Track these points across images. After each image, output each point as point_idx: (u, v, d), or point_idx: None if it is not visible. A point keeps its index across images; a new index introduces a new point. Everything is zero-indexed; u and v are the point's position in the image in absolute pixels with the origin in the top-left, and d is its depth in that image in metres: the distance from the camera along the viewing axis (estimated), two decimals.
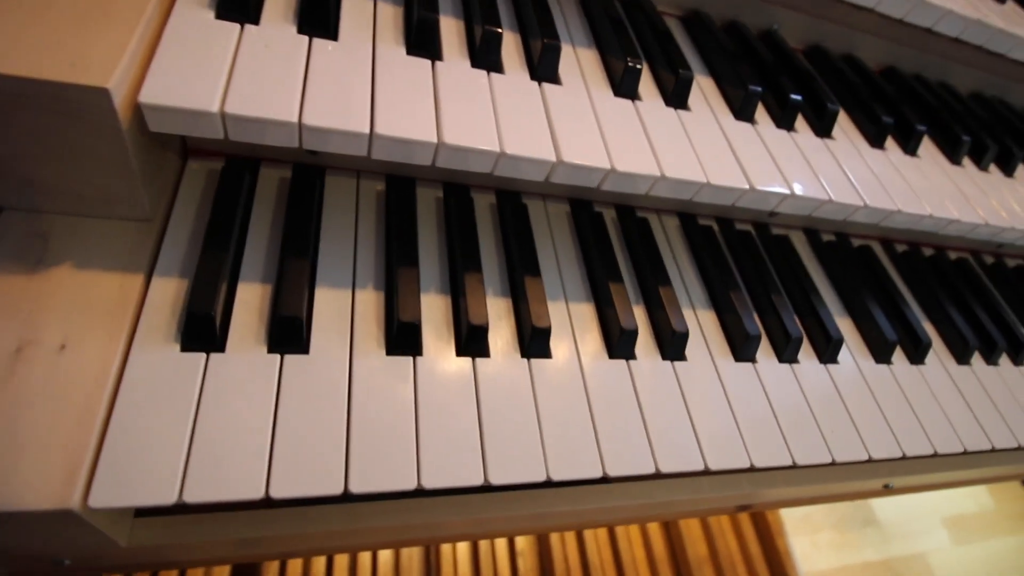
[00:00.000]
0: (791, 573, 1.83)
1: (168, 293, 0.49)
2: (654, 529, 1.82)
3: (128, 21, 0.44)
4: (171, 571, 1.27)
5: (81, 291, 0.47)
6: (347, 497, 0.45)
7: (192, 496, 0.41)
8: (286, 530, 0.52)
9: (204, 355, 0.47)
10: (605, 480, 0.56)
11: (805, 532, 2.36)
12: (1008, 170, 0.90)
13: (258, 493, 0.42)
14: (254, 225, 0.56)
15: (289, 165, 0.62)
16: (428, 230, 0.63)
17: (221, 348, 0.48)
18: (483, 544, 1.61)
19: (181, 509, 0.51)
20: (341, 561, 1.48)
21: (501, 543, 1.64)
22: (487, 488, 0.54)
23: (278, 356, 0.49)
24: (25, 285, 0.46)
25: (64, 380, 0.42)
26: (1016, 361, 0.86)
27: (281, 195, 0.60)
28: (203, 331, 0.47)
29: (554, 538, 1.69)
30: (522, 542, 1.67)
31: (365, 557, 1.50)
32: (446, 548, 1.57)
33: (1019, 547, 2.68)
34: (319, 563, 1.45)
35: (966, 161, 0.87)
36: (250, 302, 0.51)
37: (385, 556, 1.49)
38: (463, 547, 1.59)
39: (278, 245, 0.56)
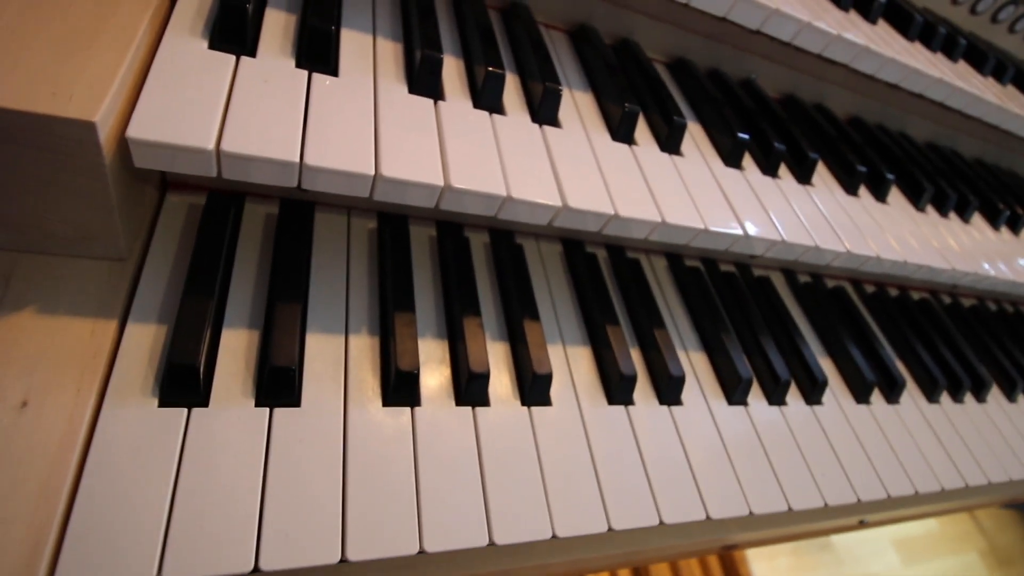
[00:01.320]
0: None
1: (145, 340, 0.45)
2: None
3: (116, 49, 0.41)
4: None
5: (46, 339, 0.42)
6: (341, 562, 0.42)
7: (172, 574, 0.36)
8: None
9: (185, 410, 0.43)
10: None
11: (764, 558, 2.39)
12: (965, 216, 0.96)
13: (247, 567, 0.38)
14: (239, 264, 0.53)
15: (276, 200, 0.59)
16: (422, 270, 0.61)
17: (204, 402, 0.44)
18: None
19: None
20: None
21: None
22: None
23: (267, 409, 0.45)
24: None
25: (25, 443, 0.38)
26: (979, 398, 0.90)
27: (268, 232, 0.57)
28: (185, 383, 0.43)
29: None
30: None
31: None
32: None
33: (963, 565, 2.80)
34: None
35: (929, 208, 0.92)
36: (236, 349, 0.48)
37: None
38: None
39: (265, 286, 0.52)
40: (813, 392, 0.73)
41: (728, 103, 0.83)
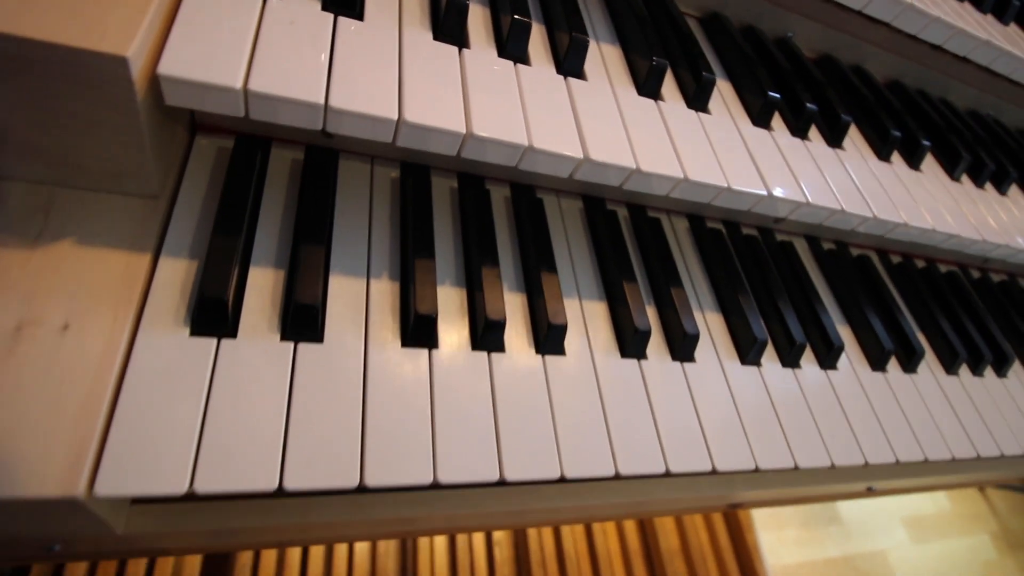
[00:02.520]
0: (758, 567, 1.88)
1: (176, 274, 0.47)
2: (628, 523, 1.85)
3: None
4: (141, 560, 1.24)
5: (84, 269, 0.44)
6: (358, 490, 0.44)
7: (203, 486, 0.39)
8: (285, 520, 0.51)
9: (215, 340, 0.45)
10: (616, 477, 0.56)
11: (772, 528, 2.42)
12: (1002, 188, 0.92)
13: (271, 485, 0.41)
14: (265, 207, 0.54)
15: (302, 147, 0.60)
16: (443, 220, 0.62)
17: (233, 334, 0.46)
18: (460, 534, 1.61)
19: (185, 498, 0.50)
20: (316, 552, 1.46)
21: (478, 533, 1.65)
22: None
23: (292, 344, 0.47)
24: (25, 260, 0.43)
25: (68, 362, 0.40)
26: (1000, 373, 0.89)
27: (293, 176, 0.58)
28: (215, 315, 0.45)
29: (531, 529, 1.70)
30: (499, 532, 1.68)
31: (341, 547, 1.49)
32: (423, 537, 1.57)
33: (973, 546, 2.81)
34: (294, 555, 1.43)
35: (964, 178, 0.89)
36: (262, 288, 0.49)
37: (361, 545, 1.48)
38: (440, 536, 1.59)
39: (291, 229, 0.54)
40: (828, 357, 0.73)
41: (761, 61, 0.80)
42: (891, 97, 0.90)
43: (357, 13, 0.51)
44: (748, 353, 0.67)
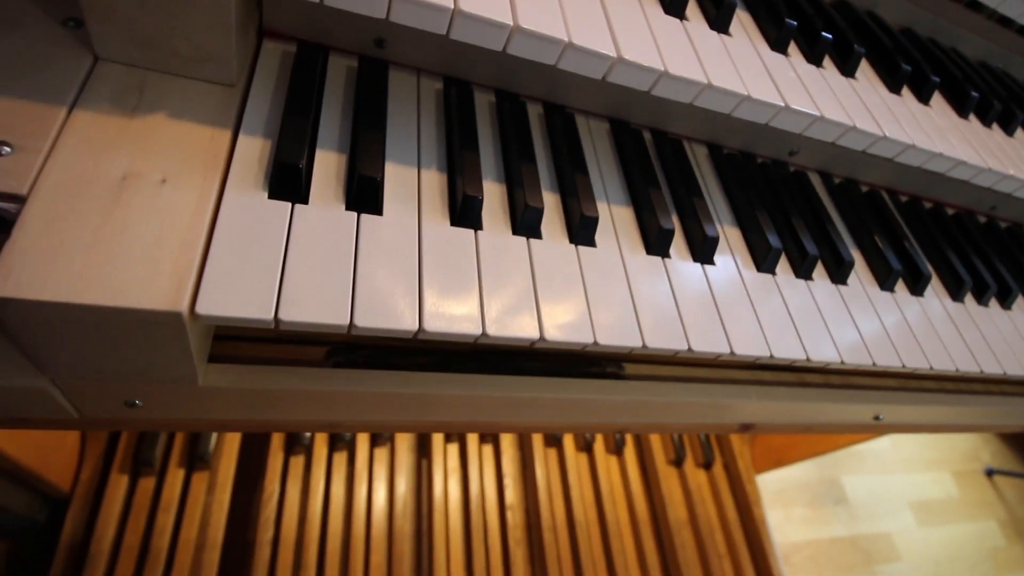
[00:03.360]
0: (765, 541, 1.92)
1: (254, 149, 0.52)
2: (637, 491, 1.90)
3: None
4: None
5: (176, 136, 0.50)
6: (415, 342, 0.50)
7: (286, 315, 0.45)
8: (344, 387, 0.57)
9: (290, 204, 0.50)
10: (645, 357, 0.61)
11: (780, 506, 2.46)
12: (1009, 130, 0.96)
13: (343, 321, 0.46)
14: (327, 104, 0.60)
15: (355, 56, 0.65)
16: (483, 129, 0.67)
17: (305, 200, 0.51)
18: (473, 495, 1.66)
19: (253, 358, 0.56)
20: (337, 498, 1.52)
21: (491, 496, 1.70)
22: (537, 355, 0.59)
23: (355, 214, 0.52)
24: (124, 126, 0.49)
25: (167, 207, 0.46)
26: (1004, 305, 0.93)
27: (349, 83, 0.63)
28: (290, 180, 0.50)
29: (542, 495, 1.75)
30: (511, 496, 1.73)
31: (360, 500, 1.55)
32: (439, 496, 1.62)
33: (979, 532, 2.83)
34: (317, 494, 1.50)
35: (972, 117, 0.93)
36: (328, 167, 0.55)
37: (379, 513, 1.54)
38: (454, 496, 1.65)
39: (350, 124, 0.59)
40: (839, 272, 0.77)
41: None
42: (903, 39, 0.94)
43: None
44: (764, 261, 0.72)
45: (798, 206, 0.83)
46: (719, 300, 0.65)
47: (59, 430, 0.89)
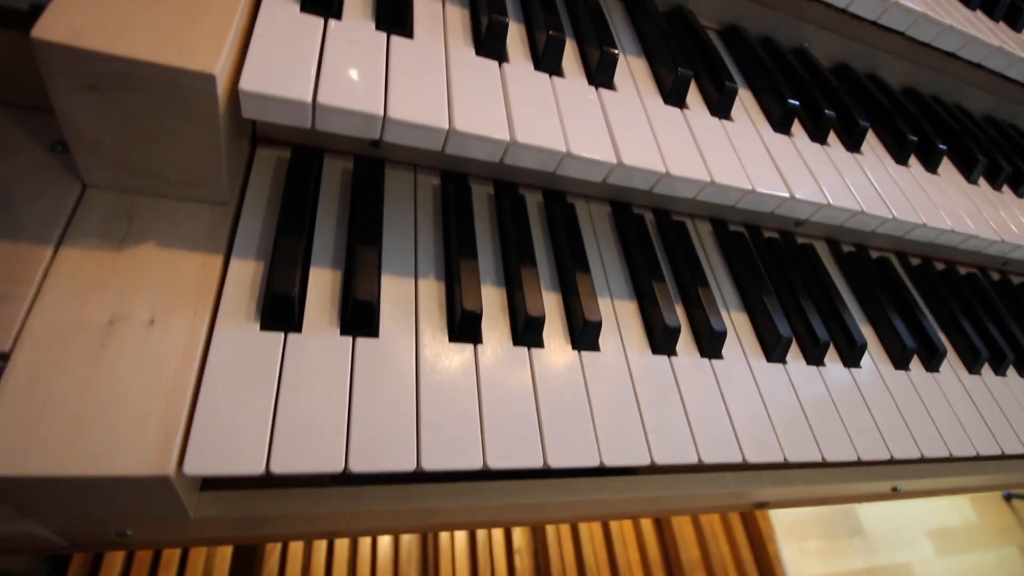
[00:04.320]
0: None
1: (246, 273, 0.51)
2: (648, 532, 1.85)
3: (225, 12, 0.46)
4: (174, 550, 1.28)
5: (165, 268, 0.48)
6: (414, 476, 0.48)
7: (278, 467, 0.43)
8: (342, 506, 0.54)
9: (283, 334, 0.49)
10: (653, 469, 0.58)
11: (794, 539, 2.40)
12: (1020, 191, 0.94)
13: (338, 467, 0.44)
14: (321, 212, 0.58)
15: (351, 157, 0.64)
16: (481, 224, 0.66)
17: (298, 328, 0.50)
18: (480, 540, 1.63)
19: (248, 483, 0.54)
20: (341, 553, 1.49)
21: (499, 540, 1.66)
22: (540, 473, 0.57)
23: (351, 338, 0.51)
24: (113, 260, 0.47)
25: (155, 353, 0.44)
26: (1022, 372, 0.90)
27: (345, 185, 0.62)
28: (283, 310, 0.49)
29: (551, 537, 1.71)
30: (519, 540, 1.69)
31: (365, 550, 1.51)
32: (444, 543, 1.59)
33: (999, 560, 2.75)
34: (319, 552, 1.46)
35: (981, 181, 0.91)
36: (322, 286, 0.53)
37: (384, 553, 1.51)
38: (461, 542, 1.61)
39: (345, 232, 0.58)
40: (851, 355, 0.75)
41: (779, 70, 0.84)
42: (906, 103, 0.93)
43: (407, 31, 0.55)
44: (774, 351, 0.69)
45: (807, 283, 0.81)
46: (729, 405, 0.62)
47: None
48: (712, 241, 0.80)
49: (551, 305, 0.62)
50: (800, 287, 0.77)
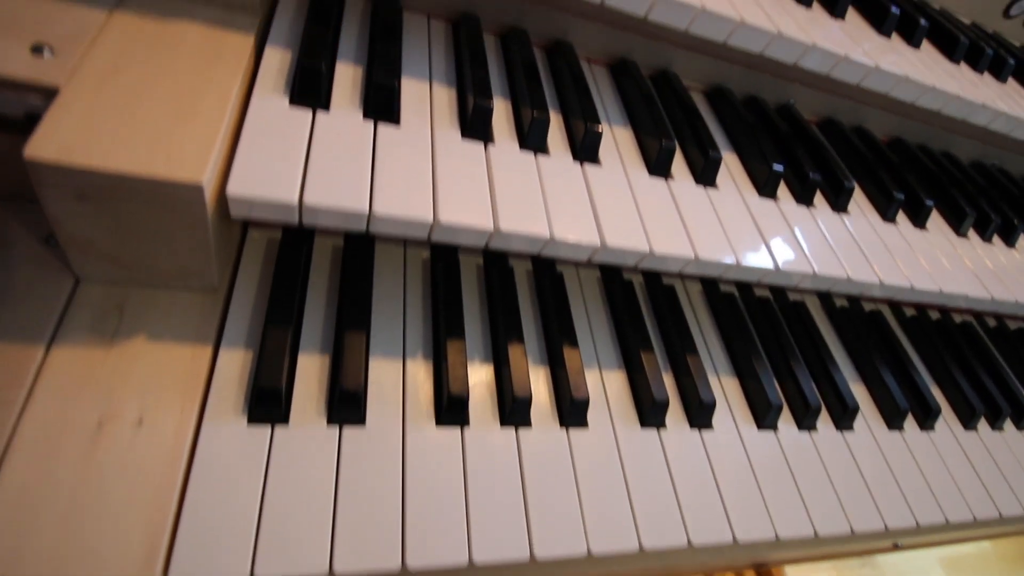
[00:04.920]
0: None
1: (235, 364, 0.52)
2: None
3: (215, 111, 0.47)
4: None
5: (155, 363, 0.49)
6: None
7: (263, 573, 0.43)
8: None
9: (269, 427, 0.49)
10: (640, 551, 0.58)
11: (803, 571, 2.36)
12: (1010, 241, 0.95)
13: (322, 570, 0.44)
14: (311, 293, 0.59)
15: (341, 235, 0.65)
16: (471, 297, 0.66)
17: (285, 420, 0.50)
18: None
19: None
20: None
21: None
22: None
23: (337, 427, 0.51)
24: (103, 358, 0.48)
25: (142, 455, 0.45)
26: (1020, 426, 0.90)
27: (335, 262, 0.63)
28: (270, 404, 0.49)
29: None
30: None
31: None
32: None
33: None
34: None
35: (971, 233, 0.92)
36: (310, 372, 0.54)
37: None
38: None
39: (334, 313, 0.58)
40: (843, 418, 0.75)
41: (765, 129, 0.85)
42: (893, 156, 0.94)
43: (394, 118, 0.57)
44: (764, 418, 0.69)
45: (799, 344, 0.81)
46: (719, 479, 0.62)
47: None
48: (702, 301, 0.81)
49: (540, 378, 0.63)
50: (791, 349, 0.77)
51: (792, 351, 0.77)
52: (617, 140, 0.71)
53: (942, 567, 2.64)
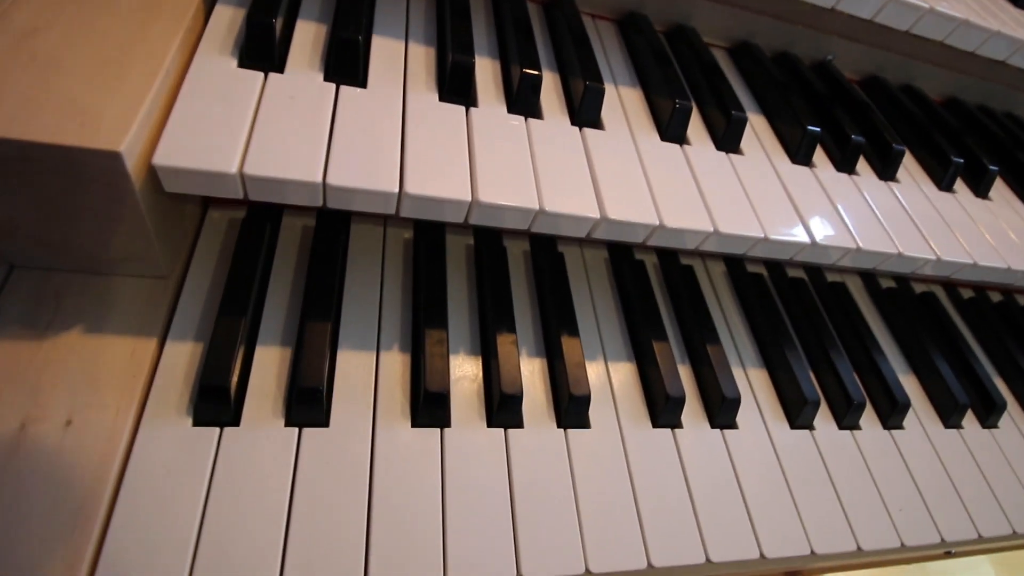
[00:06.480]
0: None
1: (182, 359, 0.46)
2: None
3: (145, 74, 0.41)
4: None
5: (91, 358, 0.44)
6: None
7: None
8: None
9: (218, 430, 0.43)
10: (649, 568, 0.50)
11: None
12: None
13: None
14: (275, 279, 0.53)
15: (313, 213, 0.58)
16: (458, 280, 0.59)
17: (236, 421, 0.44)
18: None
19: None
20: None
21: None
22: None
23: (296, 430, 0.45)
24: (33, 352, 0.43)
25: (68, 461, 0.39)
26: None
27: (304, 243, 0.57)
28: (216, 404, 0.43)
29: None
30: None
31: None
32: None
33: None
34: None
35: None
36: (268, 366, 0.48)
37: None
38: None
39: (300, 299, 0.52)
40: (892, 415, 0.65)
41: (798, 89, 0.75)
42: (949, 117, 0.82)
43: (360, 80, 0.50)
44: (798, 416, 0.60)
45: (839, 331, 0.71)
46: (744, 487, 0.54)
47: None
48: (726, 283, 0.72)
49: (535, 372, 0.55)
50: (830, 337, 0.68)
51: (830, 338, 0.68)
52: (624, 103, 0.62)
53: (992, 564, 2.48)
